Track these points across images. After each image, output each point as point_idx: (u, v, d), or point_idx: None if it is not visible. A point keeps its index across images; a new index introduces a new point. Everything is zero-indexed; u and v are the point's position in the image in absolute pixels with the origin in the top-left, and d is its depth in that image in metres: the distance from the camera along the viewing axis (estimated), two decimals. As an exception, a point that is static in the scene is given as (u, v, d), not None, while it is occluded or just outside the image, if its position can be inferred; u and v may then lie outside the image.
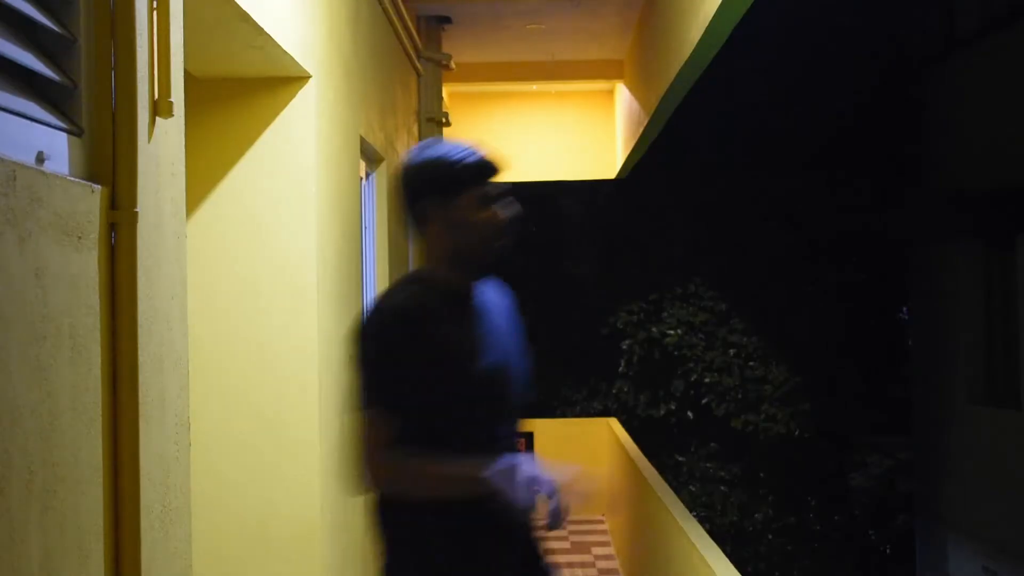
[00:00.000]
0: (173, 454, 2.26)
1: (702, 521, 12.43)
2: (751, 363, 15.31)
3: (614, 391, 15.93)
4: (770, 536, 15.20)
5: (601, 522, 10.21)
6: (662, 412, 15.62)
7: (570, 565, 8.63)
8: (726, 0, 4.78)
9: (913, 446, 13.67)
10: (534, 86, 10.55)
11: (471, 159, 2.46)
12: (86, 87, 1.95)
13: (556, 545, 9.01)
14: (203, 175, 3.86)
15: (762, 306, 15.30)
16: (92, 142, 1.98)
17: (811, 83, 14.88)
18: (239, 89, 3.93)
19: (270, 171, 3.93)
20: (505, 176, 2.51)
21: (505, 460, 2.29)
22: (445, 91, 8.74)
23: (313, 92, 3.97)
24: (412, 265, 7.42)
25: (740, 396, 15.25)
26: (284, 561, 3.86)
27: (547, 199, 16.80)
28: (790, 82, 14.95)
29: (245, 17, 3.13)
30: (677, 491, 9.43)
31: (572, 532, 9.76)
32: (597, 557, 8.99)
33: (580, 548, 9.28)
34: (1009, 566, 10.55)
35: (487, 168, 2.47)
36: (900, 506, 14.91)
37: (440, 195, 2.43)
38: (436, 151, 2.49)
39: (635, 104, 9.05)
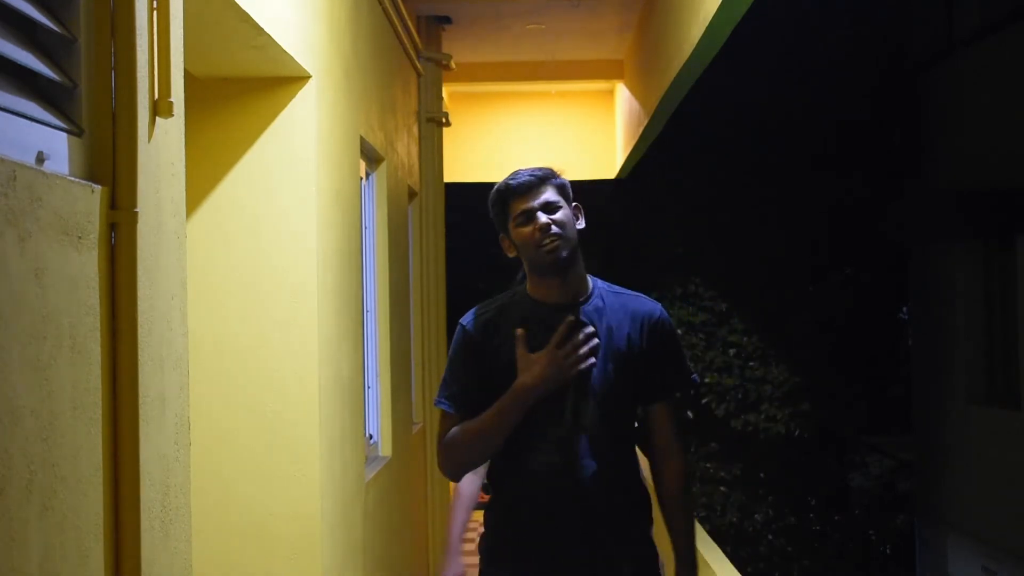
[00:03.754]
0: (173, 454, 2.26)
1: (702, 521, 12.43)
2: (751, 363, 15.29)
3: (614, 391, 15.90)
4: (770, 536, 15.19)
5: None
6: (662, 412, 15.58)
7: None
8: (726, 0, 4.78)
9: (913, 446, 13.66)
10: (534, 86, 10.54)
11: (493, 194, 2.80)
12: (86, 87, 1.95)
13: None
14: (203, 175, 3.86)
15: (762, 306, 15.28)
16: (92, 142, 1.98)
17: (811, 83, 14.87)
18: (239, 89, 3.93)
19: (270, 171, 3.92)
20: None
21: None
22: (445, 91, 8.74)
23: (313, 92, 3.97)
24: (412, 265, 7.41)
25: (740, 396, 15.23)
26: (284, 561, 3.86)
27: (547, 199, 16.73)
28: (790, 82, 14.94)
29: (245, 17, 3.13)
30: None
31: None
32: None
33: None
34: (1009, 566, 10.54)
35: (504, 192, 2.78)
36: (900, 506, 14.91)
37: (501, 228, 2.82)
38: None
39: (635, 104, 9.05)
